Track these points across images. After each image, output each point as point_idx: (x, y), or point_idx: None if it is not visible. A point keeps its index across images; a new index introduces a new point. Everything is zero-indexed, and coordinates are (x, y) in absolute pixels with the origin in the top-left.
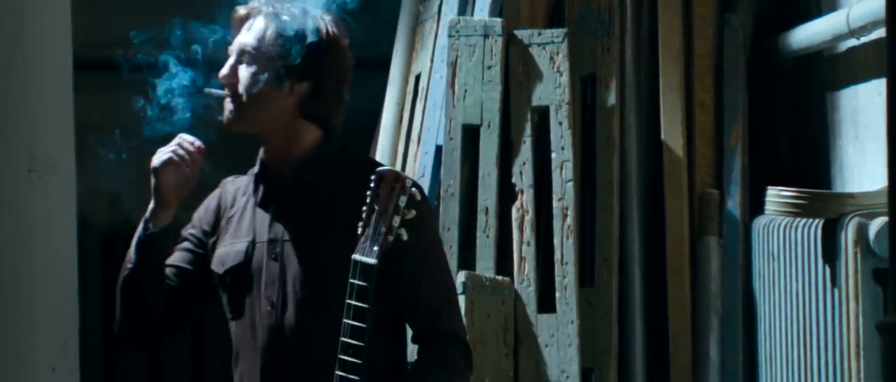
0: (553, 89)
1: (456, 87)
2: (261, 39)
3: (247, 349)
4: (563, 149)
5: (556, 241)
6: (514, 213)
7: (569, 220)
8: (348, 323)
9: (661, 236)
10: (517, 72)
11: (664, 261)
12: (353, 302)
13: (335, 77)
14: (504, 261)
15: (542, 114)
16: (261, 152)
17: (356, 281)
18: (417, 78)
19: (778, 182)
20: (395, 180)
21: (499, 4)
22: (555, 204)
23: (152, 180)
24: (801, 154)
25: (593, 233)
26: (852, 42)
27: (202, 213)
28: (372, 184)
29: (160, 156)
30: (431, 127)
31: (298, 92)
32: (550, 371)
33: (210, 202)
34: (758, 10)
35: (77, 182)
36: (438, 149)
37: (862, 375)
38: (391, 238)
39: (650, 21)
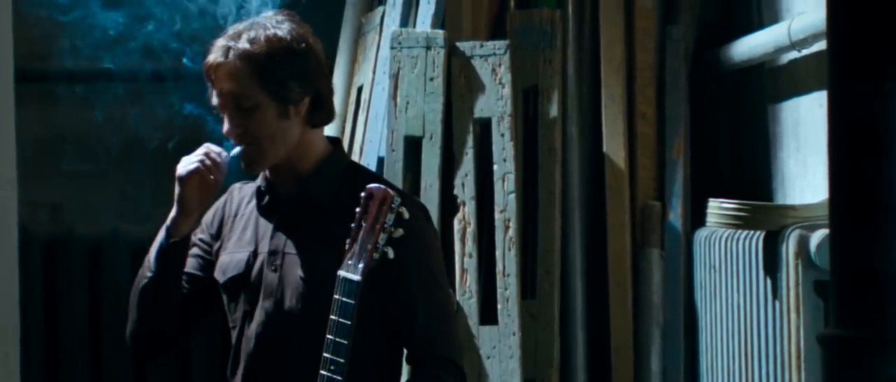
0: (495, 101)
1: (398, 99)
2: (246, 80)
3: (242, 357)
4: (505, 160)
5: (498, 253)
6: (456, 225)
7: (511, 232)
8: (331, 339)
9: (603, 248)
10: (459, 83)
11: (606, 273)
12: (336, 318)
13: (325, 76)
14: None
15: (485, 126)
16: (263, 174)
17: (340, 297)
18: (359, 89)
19: (719, 194)
20: (384, 198)
21: (441, 16)
22: (497, 215)
23: (177, 188)
24: (743, 166)
25: (535, 245)
26: (794, 54)
27: (210, 218)
28: (361, 201)
29: (186, 165)
30: (373, 138)
31: (302, 109)
32: None
33: (217, 207)
34: (700, 23)
35: (18, 192)
36: (380, 161)
37: None
38: (376, 256)
39: (592, 33)
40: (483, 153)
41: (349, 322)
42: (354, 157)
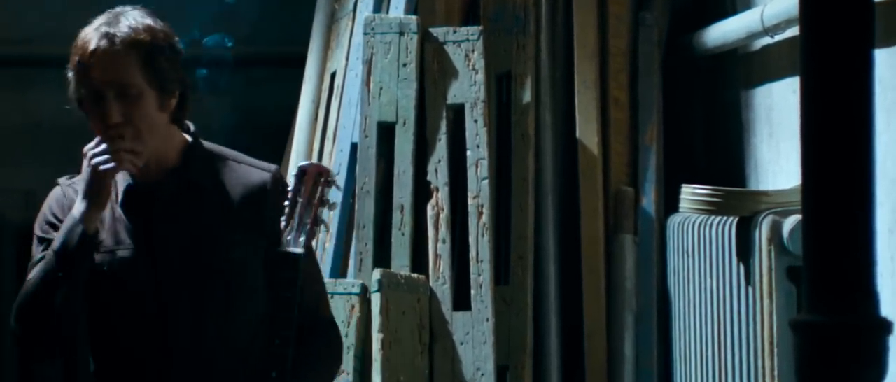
0: (468, 87)
1: (371, 85)
2: (133, 67)
3: (129, 358)
4: (478, 146)
5: (472, 239)
6: (430, 211)
7: (484, 218)
8: (276, 315)
9: (577, 234)
10: (433, 69)
11: (579, 259)
12: (283, 293)
13: (187, 77)
14: (419, 259)
15: (458, 112)
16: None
17: (284, 273)
18: (333, 75)
19: (693, 180)
20: (319, 173)
21: (414, 2)
22: (470, 201)
23: (91, 182)
24: (716, 152)
25: (509, 231)
26: (766, 40)
27: (52, 217)
28: (293, 178)
29: (105, 156)
30: (347, 124)
31: (173, 103)
32: (465, 368)
33: (57, 204)
34: (673, 8)
35: None
36: (354, 147)
37: (776, 373)
38: (318, 228)
39: (565, 19)
40: (456, 139)
41: (292, 296)
42: (328, 143)
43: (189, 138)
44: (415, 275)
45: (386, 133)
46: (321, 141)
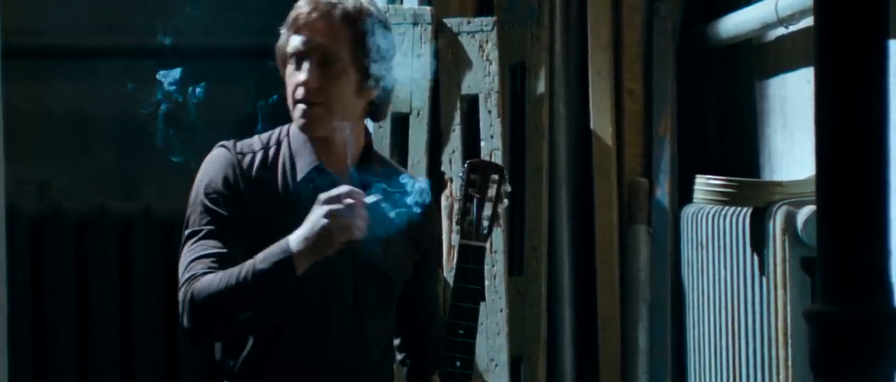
0: (482, 77)
1: None
2: (344, 42)
3: (303, 348)
4: (492, 137)
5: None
6: (444, 202)
7: (498, 209)
8: (462, 306)
9: (590, 225)
10: (447, 60)
11: (593, 250)
12: (467, 285)
13: (393, 79)
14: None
15: (472, 103)
16: (312, 149)
17: (469, 265)
18: None
19: (707, 170)
20: (494, 169)
21: None
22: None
23: (321, 236)
24: (730, 143)
25: (523, 222)
26: (781, 30)
27: (229, 185)
28: (464, 172)
29: (343, 222)
30: None
31: (370, 95)
32: (480, 359)
33: (235, 172)
34: None
35: (5, 169)
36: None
37: (790, 363)
38: (497, 224)
39: (579, 10)
40: (470, 130)
41: (480, 288)
42: None
43: (368, 140)
44: None
45: (400, 123)
46: None
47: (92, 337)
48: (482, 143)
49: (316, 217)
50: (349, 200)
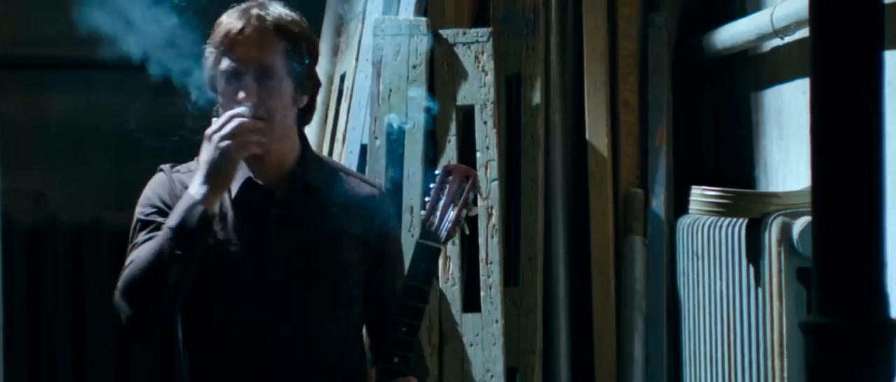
0: (478, 88)
1: (381, 87)
2: (278, 53)
3: (244, 355)
4: (487, 148)
5: (481, 240)
6: None
7: (494, 220)
8: (408, 304)
9: (586, 235)
10: (442, 71)
11: (589, 261)
12: (416, 284)
13: (319, 83)
14: None
15: (467, 114)
16: (242, 163)
17: (421, 264)
18: (342, 77)
19: (702, 181)
20: (466, 176)
21: (424, 4)
22: (479, 203)
23: (216, 162)
24: (726, 154)
25: (518, 233)
26: (776, 42)
27: (163, 201)
28: (438, 175)
29: (232, 139)
30: (356, 126)
31: (300, 103)
32: (475, 370)
33: (166, 189)
34: (682, 10)
35: (1, 180)
36: (364, 149)
37: (785, 374)
38: (458, 229)
39: (575, 21)
40: (466, 141)
41: (427, 288)
42: (337, 145)
43: (302, 145)
44: None
45: (394, 135)
46: (331, 142)
47: (87, 348)
48: (477, 154)
49: (210, 152)
50: (234, 121)
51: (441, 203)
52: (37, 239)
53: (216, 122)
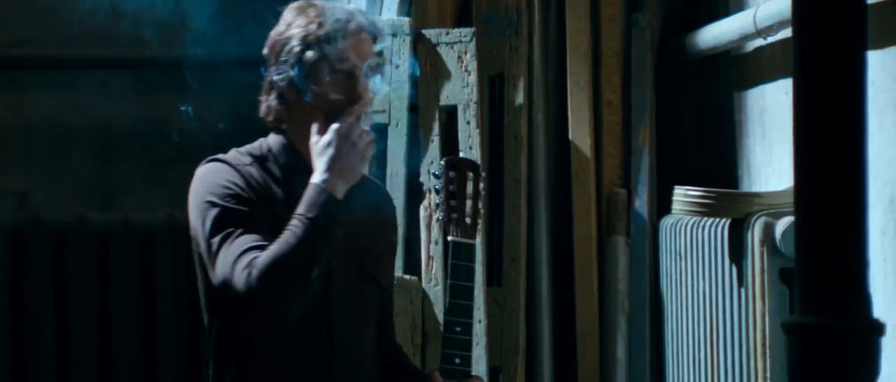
0: (461, 88)
1: None
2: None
3: (309, 358)
4: (470, 148)
5: None
6: (422, 213)
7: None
8: (458, 304)
9: (569, 236)
10: (425, 71)
11: (572, 261)
12: (461, 282)
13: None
14: (412, 261)
15: (451, 114)
16: (303, 157)
17: (460, 262)
18: None
19: (685, 181)
20: (473, 168)
21: (407, 4)
22: None
23: (352, 160)
24: (709, 154)
25: (501, 233)
26: (759, 42)
27: (242, 188)
28: (442, 170)
29: (363, 139)
30: None
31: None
32: None
33: (242, 177)
34: (666, 10)
35: None
36: None
37: (768, 374)
38: (479, 221)
39: (558, 21)
40: (449, 141)
41: (471, 284)
42: None
43: None
44: (407, 277)
45: (379, 134)
46: None
47: (71, 348)
48: (461, 154)
49: (342, 148)
50: (370, 120)
51: (455, 200)
52: (20, 239)
53: (347, 119)
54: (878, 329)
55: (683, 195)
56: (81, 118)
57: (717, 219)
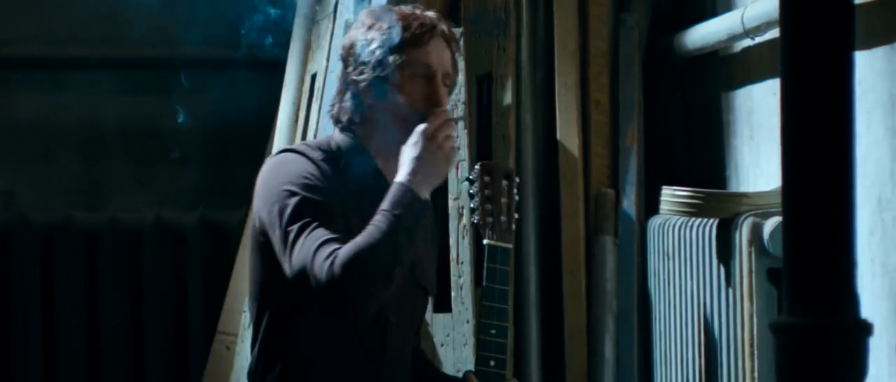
0: None
1: None
2: (455, 67)
3: (353, 349)
4: (458, 148)
5: (452, 240)
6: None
7: (465, 220)
8: (492, 307)
9: (557, 235)
10: None
11: (560, 261)
12: (496, 286)
13: None
14: None
15: None
16: (370, 156)
17: (497, 266)
18: (313, 77)
19: (673, 182)
20: (507, 173)
21: (394, 3)
22: (451, 203)
23: (439, 163)
24: (697, 154)
25: None
26: (747, 42)
27: (321, 180)
28: (476, 175)
29: (450, 140)
30: (327, 126)
31: None
32: (446, 370)
33: (319, 170)
34: (654, 11)
35: None
36: None
37: (756, 374)
38: (514, 226)
39: (546, 21)
40: None
41: (506, 288)
42: None
43: None
44: None
45: None
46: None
47: (58, 348)
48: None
49: (427, 150)
50: (454, 124)
51: (492, 204)
52: (7, 238)
53: (433, 122)
54: (865, 329)
55: (671, 195)
56: (68, 118)
57: (705, 220)
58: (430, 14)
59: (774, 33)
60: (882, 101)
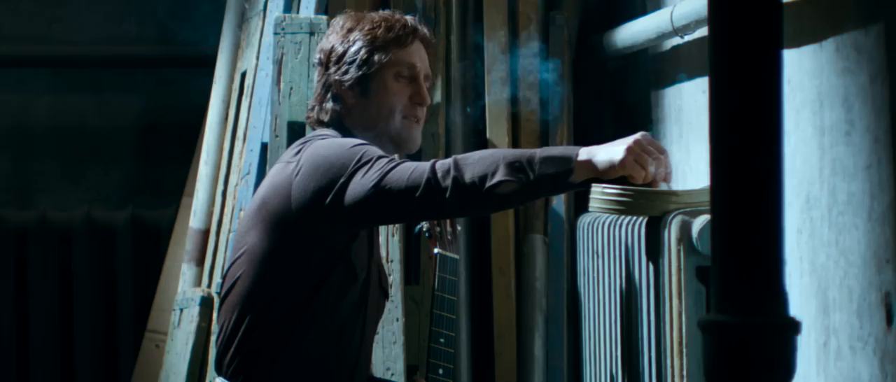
0: None
1: (282, 85)
2: (434, 68)
3: (359, 340)
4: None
5: (382, 239)
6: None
7: None
8: (442, 315)
9: (487, 234)
10: None
11: (490, 259)
12: (445, 295)
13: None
14: None
15: None
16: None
17: (446, 275)
18: (243, 75)
19: (602, 179)
20: None
21: (325, 2)
22: None
23: (624, 156)
24: None
25: (419, 231)
26: (676, 40)
27: None
28: None
29: (662, 161)
30: (257, 124)
31: None
32: (376, 368)
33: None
34: (583, 9)
35: None
36: (264, 147)
37: (685, 372)
38: (458, 236)
39: (476, 19)
40: None
41: (454, 298)
42: (238, 143)
43: None
44: None
45: (296, 133)
46: (231, 140)
47: (31, 342)
48: None
49: (621, 153)
50: (662, 156)
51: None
52: None
53: (656, 145)
54: (794, 327)
55: (601, 193)
56: (39, 114)
57: (635, 217)
58: (409, 18)
59: (703, 31)
60: (810, 100)
